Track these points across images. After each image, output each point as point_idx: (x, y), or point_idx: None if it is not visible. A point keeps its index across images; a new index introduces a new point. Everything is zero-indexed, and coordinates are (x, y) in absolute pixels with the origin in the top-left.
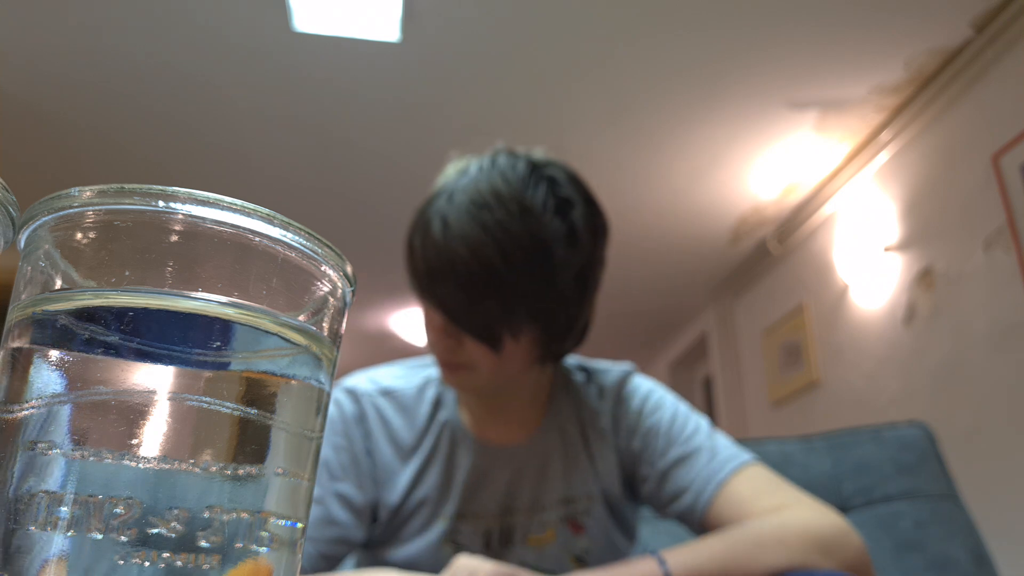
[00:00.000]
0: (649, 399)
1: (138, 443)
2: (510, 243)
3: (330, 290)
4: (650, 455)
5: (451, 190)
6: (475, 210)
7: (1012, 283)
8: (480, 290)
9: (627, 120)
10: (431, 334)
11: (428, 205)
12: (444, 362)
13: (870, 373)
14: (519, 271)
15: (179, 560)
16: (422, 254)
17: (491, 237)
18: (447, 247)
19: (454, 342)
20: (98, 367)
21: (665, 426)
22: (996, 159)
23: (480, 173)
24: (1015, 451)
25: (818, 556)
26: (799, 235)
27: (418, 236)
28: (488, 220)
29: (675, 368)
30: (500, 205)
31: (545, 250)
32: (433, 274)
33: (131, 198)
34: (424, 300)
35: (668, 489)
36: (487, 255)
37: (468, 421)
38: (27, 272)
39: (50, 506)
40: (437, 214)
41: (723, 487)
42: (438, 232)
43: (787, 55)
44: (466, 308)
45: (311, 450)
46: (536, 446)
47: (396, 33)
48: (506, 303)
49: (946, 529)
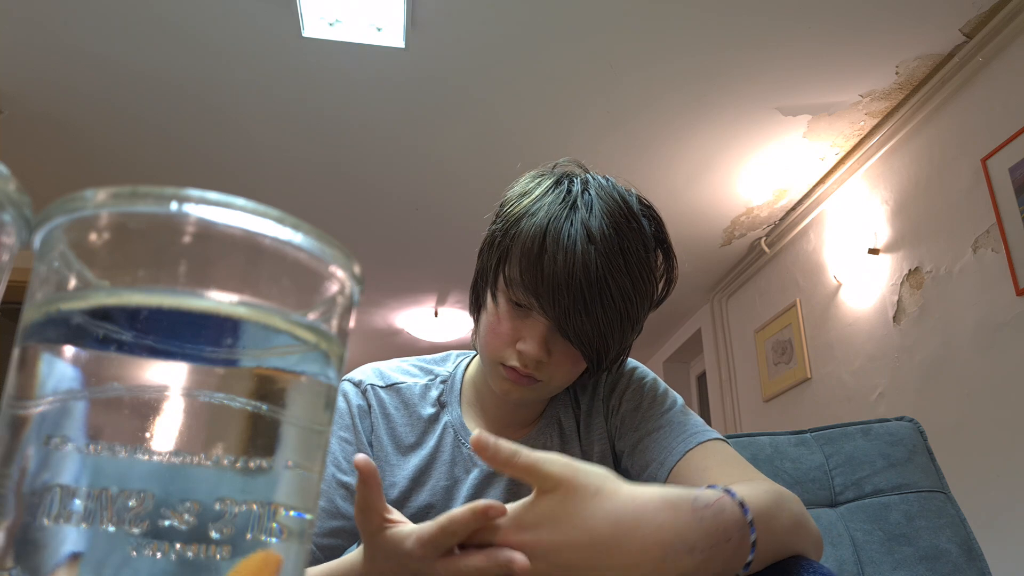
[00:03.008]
0: (632, 378)
1: (151, 438)
2: (638, 271)
3: (338, 289)
4: (626, 430)
5: (584, 204)
6: (615, 234)
7: (999, 283)
8: (607, 308)
9: (624, 126)
10: (517, 343)
11: (560, 216)
12: (521, 374)
13: (860, 370)
14: (639, 297)
15: (191, 551)
16: (563, 263)
17: (627, 262)
18: (591, 263)
19: (547, 355)
20: (112, 364)
21: (643, 403)
22: (985, 162)
23: (606, 194)
24: (1000, 446)
25: (810, 523)
26: (790, 236)
27: (550, 243)
28: (626, 246)
29: (670, 364)
30: (631, 232)
31: (652, 283)
32: (566, 285)
33: (144, 200)
34: (528, 308)
35: (638, 461)
36: (623, 279)
37: (471, 423)
38: (42, 272)
39: (64, 499)
40: (580, 228)
41: (685, 457)
42: (583, 247)
43: (779, 62)
44: (585, 321)
45: (320, 443)
46: (536, 442)
47: (400, 40)
48: (621, 322)
49: (936, 522)
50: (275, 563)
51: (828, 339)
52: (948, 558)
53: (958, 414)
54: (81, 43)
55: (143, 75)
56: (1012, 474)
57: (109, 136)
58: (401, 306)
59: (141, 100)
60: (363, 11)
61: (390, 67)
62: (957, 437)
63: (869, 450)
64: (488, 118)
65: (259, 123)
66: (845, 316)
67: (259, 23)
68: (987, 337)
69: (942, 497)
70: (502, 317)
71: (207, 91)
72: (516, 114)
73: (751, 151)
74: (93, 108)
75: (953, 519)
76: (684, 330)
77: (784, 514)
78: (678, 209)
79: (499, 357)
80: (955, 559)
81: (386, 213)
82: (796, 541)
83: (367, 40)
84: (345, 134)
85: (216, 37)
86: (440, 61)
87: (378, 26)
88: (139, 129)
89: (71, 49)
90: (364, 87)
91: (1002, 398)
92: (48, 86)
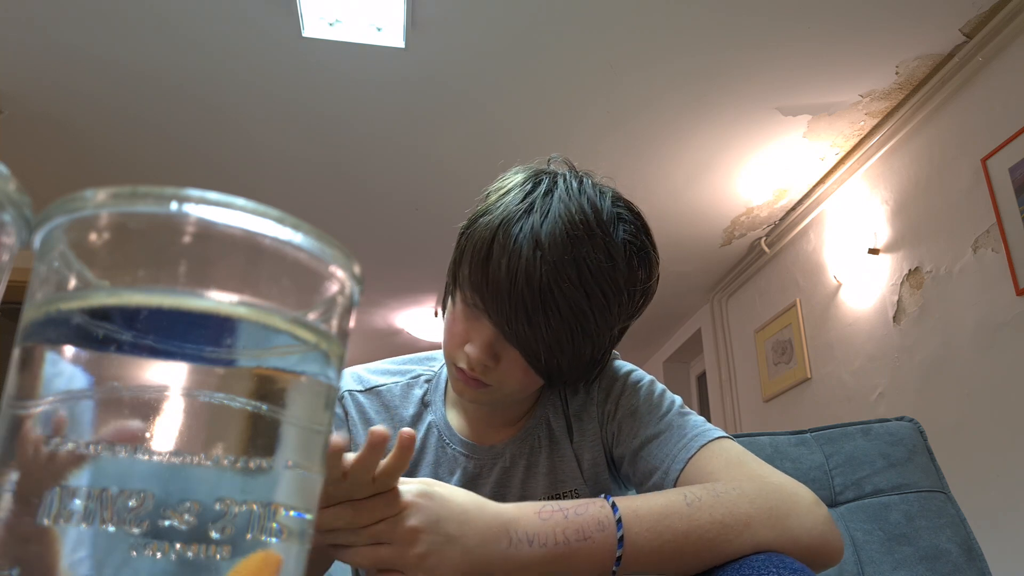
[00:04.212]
0: (627, 382)
1: (151, 437)
2: (594, 283)
3: (338, 289)
4: (624, 436)
5: (541, 208)
6: (569, 242)
7: (999, 283)
8: (552, 319)
9: (624, 126)
10: (464, 346)
11: (512, 218)
12: (471, 378)
13: (860, 370)
14: (596, 311)
15: (191, 551)
16: (506, 269)
17: (580, 274)
18: (535, 271)
19: (493, 360)
20: (112, 364)
21: (640, 407)
22: (985, 162)
23: (569, 197)
24: (1000, 446)
25: (775, 522)
26: (790, 236)
27: (497, 247)
28: (581, 256)
29: (670, 364)
30: (591, 240)
31: (616, 295)
32: (508, 292)
33: (144, 200)
34: (479, 311)
35: (640, 469)
36: (573, 291)
37: (456, 422)
38: (42, 272)
39: (64, 499)
40: (528, 234)
41: (690, 462)
42: (528, 255)
43: (779, 62)
44: (529, 331)
45: (319, 443)
46: (524, 443)
47: (400, 40)
48: (572, 335)
49: (936, 522)
50: (275, 563)
51: (828, 339)
52: (948, 558)
53: (958, 414)
54: (81, 43)
55: (143, 75)
56: (1012, 474)
57: (109, 136)
58: (401, 306)
59: (141, 100)
60: (363, 11)
61: (390, 67)
62: (957, 437)
63: (869, 450)
64: (488, 118)
65: (259, 123)
66: (845, 316)
67: (259, 23)
68: (987, 337)
69: (942, 497)
70: (456, 317)
71: (207, 91)
72: (516, 114)
73: (751, 151)
74: (93, 108)
75: (953, 519)
76: (684, 330)
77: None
78: (678, 209)
79: (452, 357)
80: (955, 559)
81: (386, 213)
82: (739, 537)
83: (367, 40)
84: (345, 134)
85: (216, 37)
86: (440, 61)
87: (378, 26)
88: (139, 129)
89: (71, 49)
90: (364, 87)
91: (1002, 398)
92: (48, 86)
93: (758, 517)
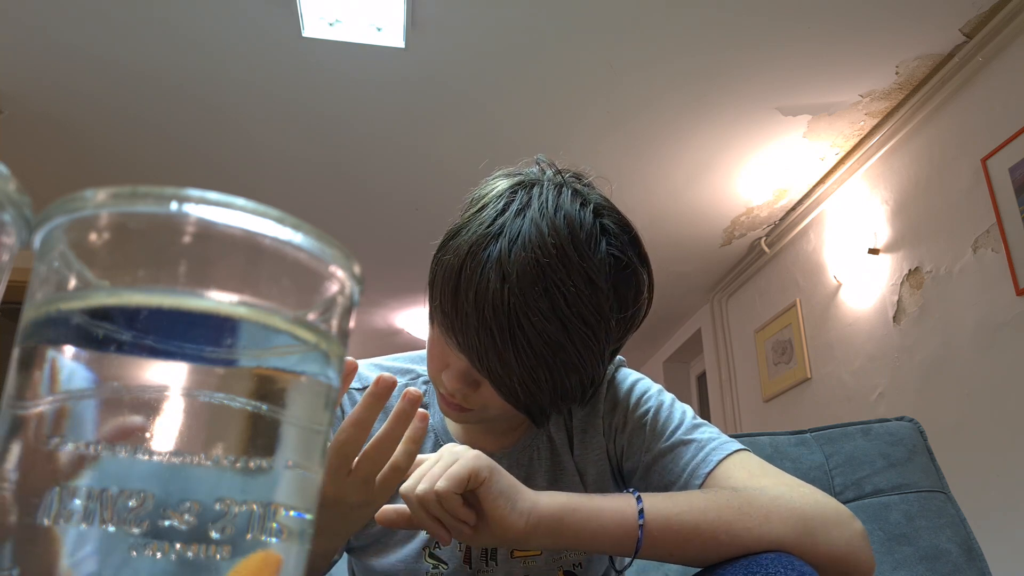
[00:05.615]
0: (634, 393)
1: (151, 437)
2: (570, 312)
3: (338, 289)
4: (634, 450)
5: (510, 231)
6: (539, 270)
7: (999, 283)
8: (523, 355)
9: (624, 126)
10: (443, 372)
11: (481, 244)
12: (452, 404)
13: (860, 370)
14: (576, 342)
15: (190, 551)
16: (474, 302)
17: (553, 304)
18: (501, 304)
19: (470, 389)
20: (112, 364)
21: (650, 420)
22: (985, 162)
23: (542, 216)
24: (1000, 446)
25: (804, 536)
26: (790, 236)
27: (464, 278)
28: (554, 284)
29: (670, 364)
30: (566, 266)
31: (598, 322)
32: (476, 327)
33: (144, 200)
34: (452, 342)
35: (655, 482)
36: (545, 324)
37: (454, 428)
38: (42, 272)
39: (64, 499)
40: (495, 263)
41: (711, 477)
42: (496, 286)
43: (779, 62)
44: (500, 368)
45: (319, 444)
46: (523, 453)
47: (400, 40)
48: (549, 370)
49: (936, 522)
50: (275, 563)
51: (828, 339)
52: (948, 558)
53: (958, 414)
54: (81, 43)
55: (143, 75)
56: (1012, 474)
57: (109, 136)
58: (401, 306)
59: (141, 100)
60: (363, 11)
61: (390, 67)
62: (957, 437)
63: (869, 450)
64: (488, 118)
65: (259, 123)
66: (845, 316)
67: (259, 23)
68: (987, 337)
69: (942, 497)
70: (433, 341)
71: (207, 91)
72: (516, 114)
73: (751, 151)
74: (93, 108)
75: (953, 519)
76: (684, 330)
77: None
78: (678, 209)
79: (434, 380)
80: (955, 559)
81: (386, 213)
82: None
83: (367, 40)
84: (345, 134)
85: (216, 37)
86: (440, 61)
87: (378, 26)
88: (139, 129)
89: (71, 49)
90: (364, 87)
91: (1002, 398)
92: (48, 86)
93: (778, 513)
